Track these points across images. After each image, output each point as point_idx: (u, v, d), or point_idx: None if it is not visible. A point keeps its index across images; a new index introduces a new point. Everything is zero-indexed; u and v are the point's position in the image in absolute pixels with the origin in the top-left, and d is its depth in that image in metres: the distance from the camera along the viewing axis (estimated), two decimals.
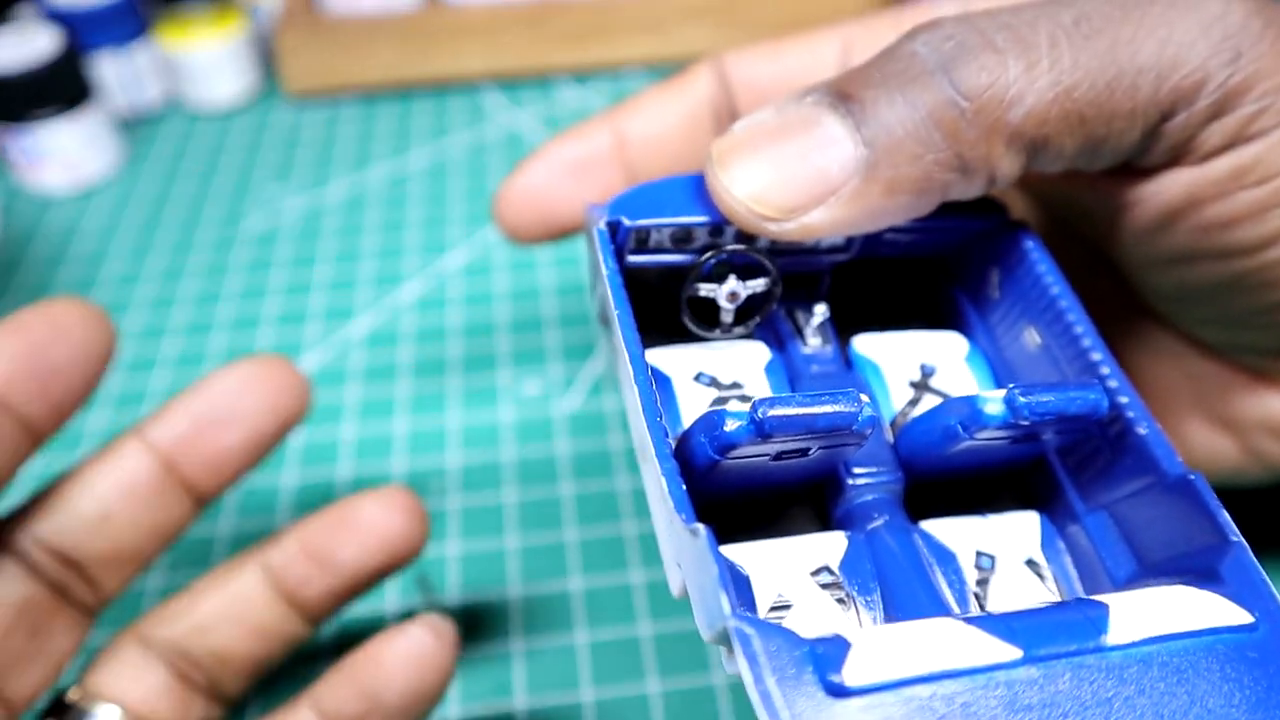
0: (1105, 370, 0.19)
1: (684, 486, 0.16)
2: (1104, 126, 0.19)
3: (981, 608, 0.18)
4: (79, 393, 0.23)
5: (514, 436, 0.34)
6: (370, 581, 0.24)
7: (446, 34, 0.51)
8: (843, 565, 0.18)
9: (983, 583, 0.18)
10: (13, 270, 0.43)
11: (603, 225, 0.19)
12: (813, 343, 0.21)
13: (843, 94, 0.18)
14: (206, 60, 0.50)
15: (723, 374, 0.20)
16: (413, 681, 0.23)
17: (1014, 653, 0.14)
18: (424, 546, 0.25)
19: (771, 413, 0.16)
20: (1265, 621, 0.15)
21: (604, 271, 0.19)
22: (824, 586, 0.17)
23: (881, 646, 0.14)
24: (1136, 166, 0.20)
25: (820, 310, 0.21)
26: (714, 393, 0.20)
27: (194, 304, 0.40)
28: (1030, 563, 0.19)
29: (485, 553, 0.31)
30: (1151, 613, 0.15)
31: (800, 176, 0.18)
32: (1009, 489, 0.21)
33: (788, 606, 0.17)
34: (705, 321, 0.21)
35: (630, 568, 0.30)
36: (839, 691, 0.13)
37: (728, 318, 0.21)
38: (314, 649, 0.28)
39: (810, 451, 0.17)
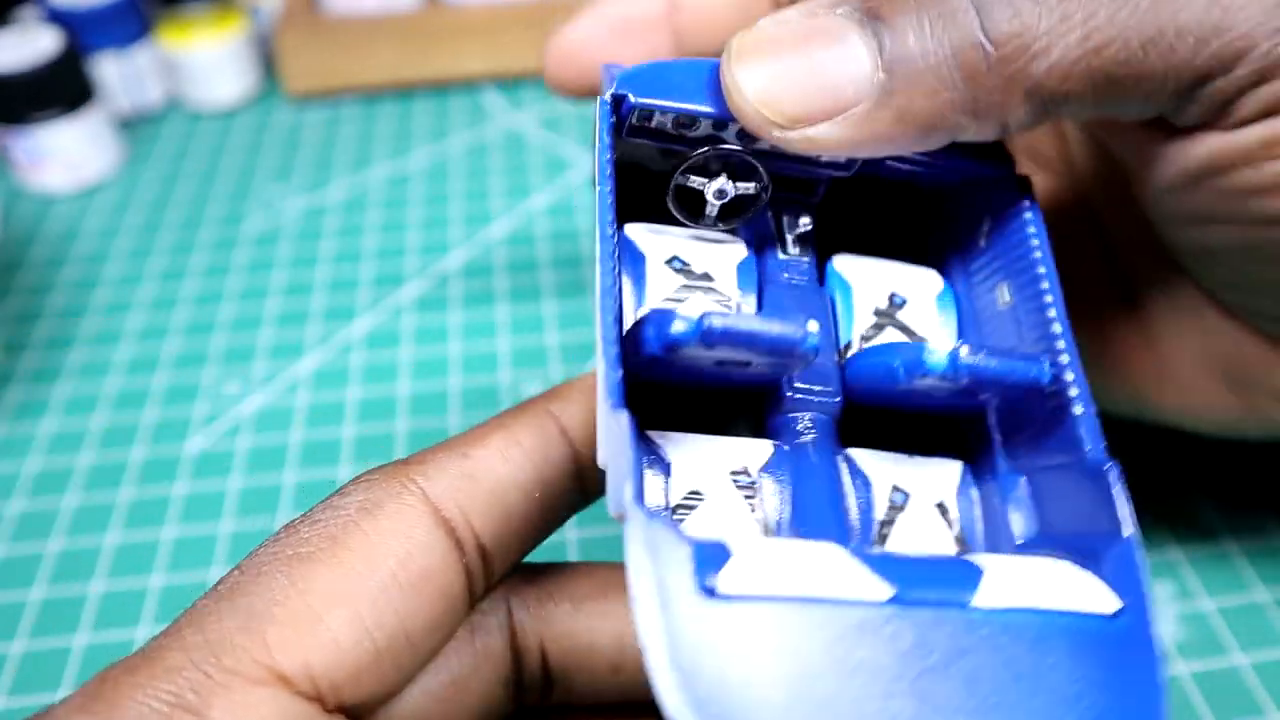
0: (1060, 344, 0.19)
1: (621, 373, 0.16)
2: (1133, 87, 0.18)
3: (883, 540, 0.18)
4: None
5: None
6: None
7: (446, 34, 0.51)
8: (763, 470, 0.18)
9: (889, 518, 0.19)
10: (13, 270, 0.43)
11: (607, 96, 0.19)
12: (792, 251, 0.22)
13: (874, 12, 0.18)
14: (207, 60, 0.50)
15: (696, 263, 0.20)
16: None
17: (886, 591, 0.15)
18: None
19: (718, 323, 0.16)
20: (1129, 614, 0.16)
21: (596, 144, 0.19)
22: (739, 487, 0.18)
23: (761, 561, 0.15)
24: (1167, 122, 0.20)
25: (805, 222, 0.22)
26: (682, 280, 0.20)
27: (194, 304, 0.40)
28: (941, 506, 0.19)
29: None
30: (1024, 583, 0.16)
31: (813, 88, 0.18)
32: (942, 436, 0.21)
33: (700, 498, 0.18)
34: (690, 211, 0.21)
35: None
36: (710, 594, 0.14)
37: (712, 211, 0.21)
38: None
39: (751, 365, 0.17)
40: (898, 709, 0.14)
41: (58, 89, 0.45)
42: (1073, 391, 0.18)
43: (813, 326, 0.16)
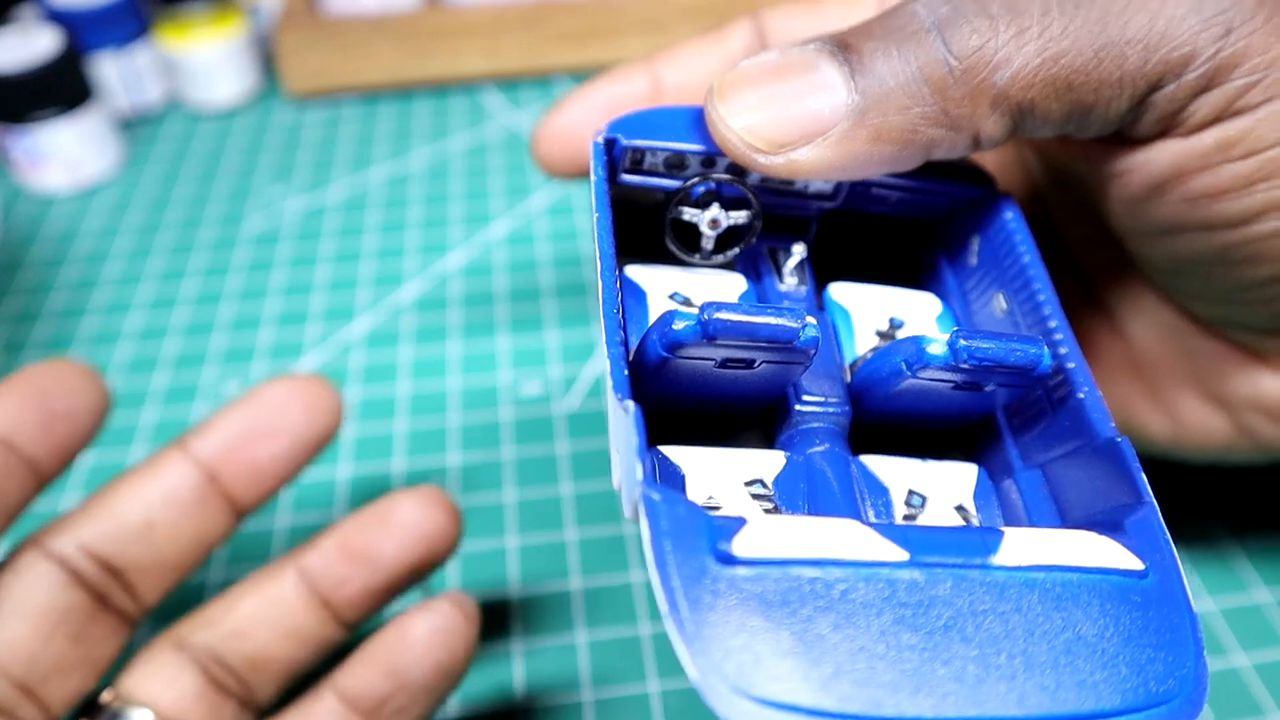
0: (1058, 335, 0.19)
1: (626, 370, 0.17)
2: (1091, 94, 0.19)
3: None
4: (81, 438, 0.24)
5: (514, 436, 0.34)
6: (408, 580, 0.24)
7: (446, 34, 0.51)
8: (777, 480, 0.19)
9: (909, 518, 0.19)
10: (13, 270, 0.43)
11: (599, 139, 0.21)
12: (789, 281, 0.22)
13: (843, 44, 0.19)
14: (207, 60, 0.50)
15: (696, 296, 0.21)
16: (439, 658, 0.23)
17: (901, 554, 0.15)
18: (459, 544, 0.25)
19: (717, 315, 0.17)
20: (1156, 571, 0.16)
21: (591, 178, 0.20)
22: (755, 496, 0.18)
23: (776, 529, 0.15)
24: (1126, 136, 0.20)
25: (799, 250, 0.22)
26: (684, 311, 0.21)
27: (194, 304, 0.40)
28: (959, 508, 0.19)
29: (485, 553, 0.31)
30: (1045, 545, 0.16)
31: (793, 114, 0.19)
32: (957, 445, 0.21)
33: (716, 508, 0.18)
34: (686, 245, 0.22)
35: (630, 568, 0.30)
36: (726, 559, 0.14)
37: (708, 244, 0.21)
38: None
39: (756, 364, 0.18)
40: (918, 668, 0.14)
41: (57, 89, 0.45)
42: (1076, 377, 0.19)
43: (810, 320, 0.17)
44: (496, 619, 0.29)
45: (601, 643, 0.28)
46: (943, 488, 0.19)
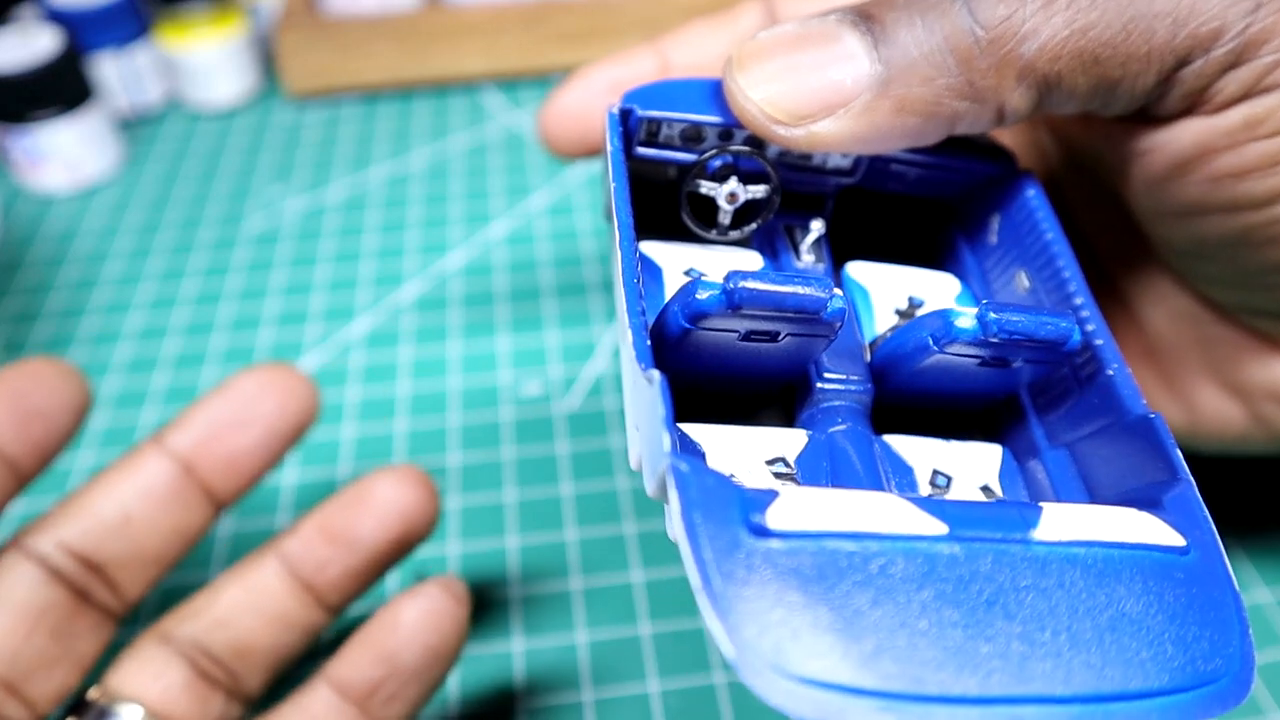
0: (1085, 313, 0.19)
1: (648, 342, 0.16)
2: (1118, 68, 0.19)
3: None
4: (60, 436, 0.24)
5: (514, 436, 0.34)
6: (388, 561, 0.24)
7: (446, 34, 0.51)
8: (799, 459, 0.18)
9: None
10: (13, 270, 0.43)
11: (615, 110, 0.20)
12: (806, 259, 0.22)
13: (865, 14, 0.19)
14: (207, 60, 0.50)
15: (712, 273, 0.20)
16: (431, 641, 0.23)
17: (940, 528, 0.14)
18: (437, 523, 0.25)
19: (743, 284, 0.16)
20: (1197, 548, 0.15)
21: (607, 149, 0.19)
22: (777, 475, 0.18)
23: (810, 501, 0.14)
24: (1151, 114, 0.20)
25: (816, 225, 0.22)
26: None
27: (194, 304, 0.40)
28: (985, 488, 0.19)
29: (485, 552, 0.31)
30: (1086, 520, 0.15)
31: (814, 85, 0.19)
32: (980, 426, 0.21)
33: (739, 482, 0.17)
34: (703, 219, 0.21)
35: (630, 568, 0.30)
36: (760, 531, 0.14)
37: (725, 219, 0.21)
38: (314, 649, 0.28)
39: (780, 337, 0.17)
40: (961, 645, 0.13)
41: (57, 88, 0.45)
42: (1104, 353, 0.18)
43: (837, 290, 0.16)
44: (496, 619, 0.29)
45: (601, 643, 0.28)
46: (968, 468, 0.19)
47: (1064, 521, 0.15)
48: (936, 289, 0.21)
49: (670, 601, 0.29)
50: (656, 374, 0.15)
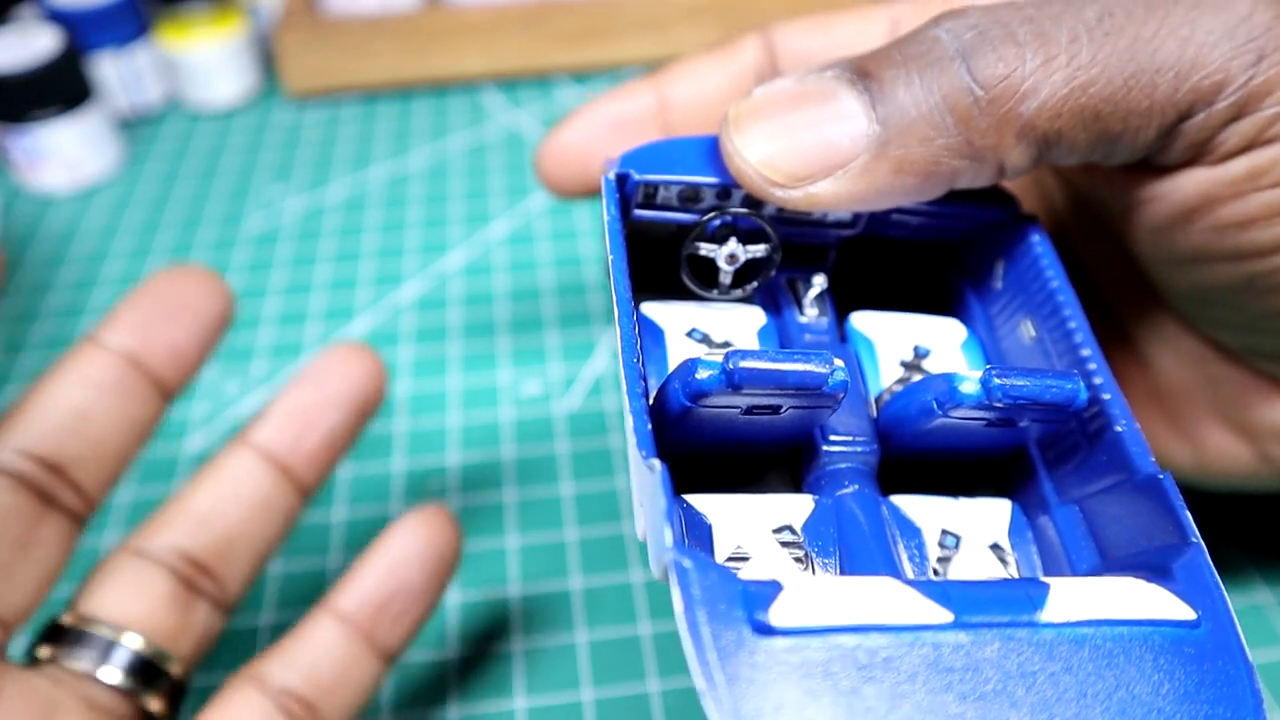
0: (1092, 366, 0.19)
1: (650, 426, 0.16)
2: (1119, 123, 0.18)
3: None
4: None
5: (514, 436, 0.34)
6: (352, 433, 0.26)
7: (446, 34, 0.51)
8: (806, 526, 0.18)
9: (944, 560, 0.18)
10: (13, 270, 0.43)
11: (611, 175, 0.20)
12: (810, 313, 0.22)
13: (862, 71, 0.19)
14: (207, 60, 0.50)
15: (715, 332, 0.20)
16: (430, 556, 0.24)
17: (945, 616, 0.14)
18: (386, 392, 0.26)
19: (743, 364, 0.16)
20: (1208, 620, 0.15)
21: (605, 217, 0.19)
22: (784, 544, 0.18)
23: (814, 593, 0.14)
24: (1154, 164, 0.20)
25: (819, 280, 0.22)
26: (704, 349, 0.20)
27: None
28: (995, 547, 0.19)
29: (485, 552, 0.31)
30: (1093, 597, 0.15)
31: (811, 146, 0.19)
32: (988, 479, 0.21)
33: (745, 559, 0.17)
34: (703, 280, 0.21)
35: (630, 568, 0.30)
36: (764, 630, 0.14)
37: (726, 279, 0.21)
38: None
39: (782, 410, 0.17)
40: None
41: (57, 88, 0.45)
42: (1112, 410, 0.18)
43: (838, 363, 0.16)
44: (497, 619, 0.29)
45: (601, 643, 0.28)
46: (976, 526, 0.19)
47: (1071, 600, 0.15)
48: (942, 336, 0.21)
49: (670, 602, 0.29)
50: (658, 463, 0.15)
